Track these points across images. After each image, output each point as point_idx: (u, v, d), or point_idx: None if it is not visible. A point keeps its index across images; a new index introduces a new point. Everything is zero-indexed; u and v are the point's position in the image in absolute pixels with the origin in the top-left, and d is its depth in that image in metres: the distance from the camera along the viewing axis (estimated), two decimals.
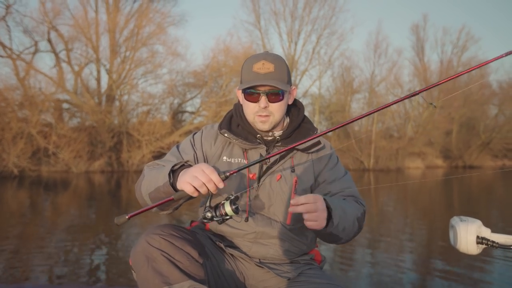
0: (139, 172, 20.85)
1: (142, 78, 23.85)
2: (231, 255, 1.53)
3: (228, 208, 1.29)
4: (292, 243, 1.54)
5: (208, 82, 24.11)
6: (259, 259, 1.53)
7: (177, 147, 1.62)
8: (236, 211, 1.29)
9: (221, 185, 1.26)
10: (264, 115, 1.50)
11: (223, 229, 1.54)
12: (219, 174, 1.27)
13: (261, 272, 1.52)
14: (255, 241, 1.51)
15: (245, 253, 1.52)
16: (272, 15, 30.21)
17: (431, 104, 1.33)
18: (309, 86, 29.54)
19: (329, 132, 1.39)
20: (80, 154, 20.21)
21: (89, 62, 22.81)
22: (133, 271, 1.32)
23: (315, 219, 1.30)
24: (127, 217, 1.24)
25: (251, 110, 1.52)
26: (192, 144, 1.60)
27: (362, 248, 5.49)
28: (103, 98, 23.07)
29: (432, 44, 44.25)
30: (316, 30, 29.70)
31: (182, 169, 1.37)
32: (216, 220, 1.31)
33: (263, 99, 1.48)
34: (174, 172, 1.38)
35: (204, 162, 1.56)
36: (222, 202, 1.31)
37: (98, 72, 23.21)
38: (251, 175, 1.51)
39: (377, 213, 8.57)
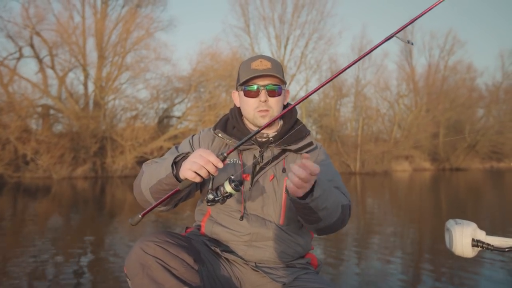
0: (123, 177, 20.69)
1: (128, 83, 23.80)
2: (227, 259, 1.54)
3: (228, 187, 1.33)
4: (287, 245, 1.55)
5: (192, 86, 24.06)
6: (255, 263, 1.54)
7: (176, 147, 1.67)
8: (236, 188, 1.32)
9: (220, 164, 1.29)
10: (264, 109, 1.56)
11: (218, 232, 1.56)
12: (217, 156, 1.31)
13: (257, 277, 1.53)
14: (250, 244, 1.52)
15: (240, 257, 1.53)
16: (261, 20, 30.42)
17: (408, 42, 1.37)
18: (299, 89, 29.68)
19: (318, 89, 1.39)
20: (61, 160, 19.89)
21: (74, 67, 22.68)
22: (128, 279, 1.32)
23: (300, 186, 1.28)
24: (140, 216, 1.29)
25: (251, 106, 1.58)
26: (190, 144, 1.65)
27: (352, 251, 5.54)
28: (90, 103, 22.93)
29: (420, 48, 44.96)
30: (304, 34, 29.99)
31: (183, 160, 1.39)
32: (218, 200, 1.34)
33: (263, 93, 1.56)
34: (176, 164, 1.40)
35: None
36: (222, 183, 1.35)
37: (86, 77, 23.12)
38: (244, 176, 1.55)
39: (366, 215, 8.64)
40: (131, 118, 23.36)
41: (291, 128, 1.63)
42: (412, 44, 1.44)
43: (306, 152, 1.60)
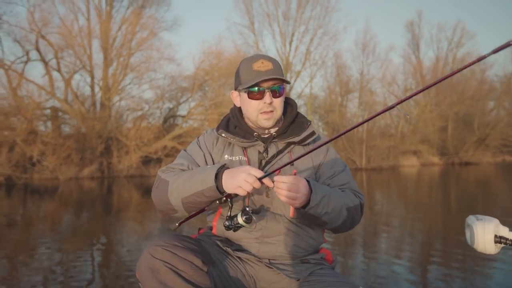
0: (128, 177, 20.78)
1: (133, 84, 23.84)
2: (240, 258, 1.55)
3: (240, 220, 1.44)
4: (299, 237, 1.56)
5: (196, 85, 24.04)
6: (269, 260, 1.54)
7: (185, 150, 1.71)
8: (247, 221, 1.43)
9: (270, 184, 1.39)
10: (268, 111, 1.58)
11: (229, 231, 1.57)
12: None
13: (271, 273, 1.53)
14: (263, 240, 1.54)
15: (254, 255, 1.54)
16: (265, 17, 30.31)
17: (407, 115, 1.43)
18: (304, 86, 29.63)
19: (333, 139, 1.47)
20: (68, 161, 20.02)
21: (79, 69, 22.75)
22: (139, 284, 1.35)
23: (293, 198, 1.38)
24: (177, 224, 1.47)
25: (254, 108, 1.60)
26: (199, 146, 1.69)
27: (359, 249, 5.49)
28: (96, 105, 23.00)
29: (428, 41, 44.52)
30: (309, 30, 29.87)
31: (223, 171, 1.45)
32: (231, 229, 1.46)
33: (268, 95, 1.57)
34: (216, 175, 1.45)
35: (212, 161, 1.66)
36: (236, 213, 1.46)
37: (92, 78, 23.18)
38: None
39: (373, 212, 8.58)
40: (137, 118, 23.44)
41: (292, 121, 1.67)
42: (409, 117, 1.42)
43: (310, 143, 1.65)
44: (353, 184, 1.64)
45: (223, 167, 1.46)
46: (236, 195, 1.41)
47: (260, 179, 1.36)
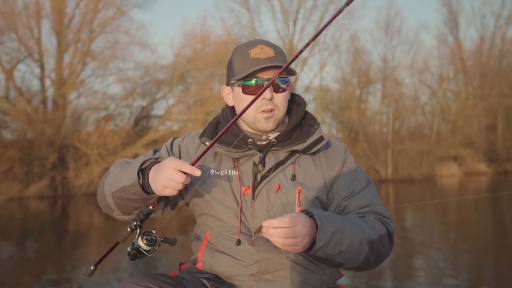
0: (89, 195, 20.67)
1: (95, 76, 23.85)
2: None
3: (140, 242, 1.46)
4: (308, 272, 1.56)
5: (175, 76, 24.02)
6: None
7: (154, 151, 1.75)
8: (148, 244, 1.45)
9: (197, 172, 1.39)
10: (269, 109, 1.59)
11: (219, 264, 1.59)
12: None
13: None
14: (261, 277, 1.53)
15: None
16: None
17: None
18: (313, 77, 29.70)
19: None
20: (8, 176, 19.84)
21: (25, 57, 22.66)
22: None
23: (292, 245, 1.35)
24: (92, 267, 1.46)
25: (252, 105, 1.58)
26: (168, 150, 1.73)
27: (388, 282, 5.46)
28: (47, 103, 22.91)
29: (469, 17, 44.73)
30: (318, 6, 29.96)
31: (152, 166, 1.49)
32: (130, 256, 1.47)
33: (268, 89, 1.56)
34: (143, 171, 1.50)
35: None
36: (136, 237, 1.48)
37: (42, 69, 23.07)
38: (243, 189, 1.58)
39: (404, 236, 8.53)
40: (101, 120, 23.40)
41: (298, 124, 1.68)
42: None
43: (321, 152, 1.65)
44: (378, 205, 1.62)
45: (154, 162, 1.51)
46: (166, 197, 1.48)
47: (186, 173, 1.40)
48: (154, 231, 1.47)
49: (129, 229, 1.49)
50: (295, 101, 1.73)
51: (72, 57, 23.08)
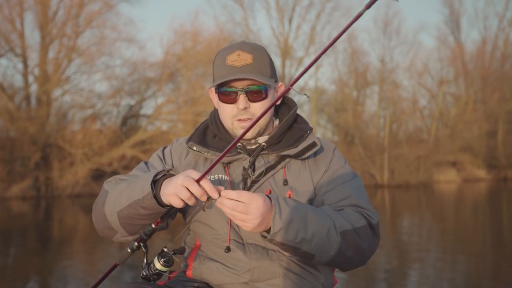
0: (74, 196, 20.65)
1: (81, 72, 23.76)
2: None
3: (158, 265, 1.47)
4: (301, 279, 1.56)
5: (164, 75, 24.01)
6: None
7: (145, 163, 1.76)
8: (166, 264, 1.47)
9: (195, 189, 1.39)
10: (245, 118, 1.61)
11: (210, 272, 1.59)
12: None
13: None
14: (253, 286, 1.54)
15: None
16: None
17: (305, 94, 1.47)
18: (308, 77, 29.62)
19: None
20: None
21: (6, 52, 22.56)
22: None
23: (241, 220, 1.37)
24: None
25: (228, 113, 1.64)
26: (161, 158, 1.75)
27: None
28: (30, 100, 22.80)
29: (472, 18, 44.96)
30: (314, 4, 30.06)
31: (164, 179, 1.48)
32: (149, 278, 1.48)
33: (242, 98, 1.59)
34: (155, 183, 1.49)
35: None
36: (153, 259, 1.49)
37: (25, 64, 22.95)
38: None
39: (400, 242, 8.56)
40: (86, 118, 23.37)
41: (289, 127, 1.70)
42: (308, 97, 1.47)
43: (311, 157, 1.66)
44: (359, 198, 1.62)
45: (168, 173, 1.52)
46: (173, 208, 1.47)
47: (198, 181, 1.38)
48: (165, 249, 1.49)
49: (129, 250, 1.49)
50: (285, 104, 1.75)
51: (57, 53, 22.99)
